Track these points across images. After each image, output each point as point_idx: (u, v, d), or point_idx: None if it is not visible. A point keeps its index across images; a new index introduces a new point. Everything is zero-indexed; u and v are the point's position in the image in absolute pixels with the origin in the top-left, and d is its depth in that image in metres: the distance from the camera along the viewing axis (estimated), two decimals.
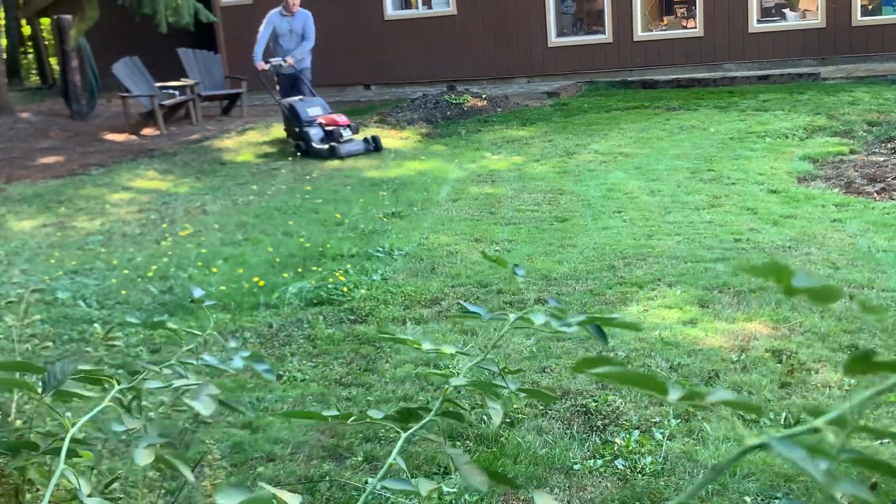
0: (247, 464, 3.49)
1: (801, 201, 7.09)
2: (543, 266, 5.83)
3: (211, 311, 5.50)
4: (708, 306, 4.85)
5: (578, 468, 3.30)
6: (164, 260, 6.69)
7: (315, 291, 5.62)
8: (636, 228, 6.63)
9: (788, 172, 8.15)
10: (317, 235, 7.08)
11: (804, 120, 10.31)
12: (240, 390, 4.24)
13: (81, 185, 9.98)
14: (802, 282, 0.71)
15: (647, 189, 7.92)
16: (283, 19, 11.73)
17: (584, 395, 3.87)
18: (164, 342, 4.99)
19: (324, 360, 4.60)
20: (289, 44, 11.70)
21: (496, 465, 3.32)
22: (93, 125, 14.17)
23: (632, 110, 12.21)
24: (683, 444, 3.38)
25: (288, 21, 11.71)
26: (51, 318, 5.43)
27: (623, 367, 0.80)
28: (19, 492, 1.50)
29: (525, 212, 7.46)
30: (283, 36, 11.78)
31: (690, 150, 9.39)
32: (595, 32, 15.49)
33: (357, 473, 3.37)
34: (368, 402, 4.01)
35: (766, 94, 12.22)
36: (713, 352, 4.25)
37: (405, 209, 7.83)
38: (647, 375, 0.78)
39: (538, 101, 13.68)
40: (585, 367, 0.80)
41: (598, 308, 4.97)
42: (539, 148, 10.33)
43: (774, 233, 6.24)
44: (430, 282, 5.70)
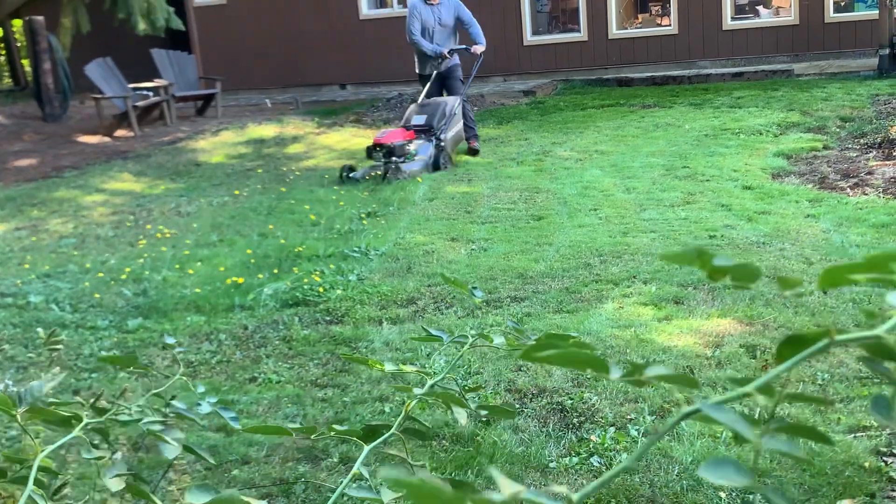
0: (221, 467, 3.47)
1: (775, 197, 7.13)
2: (520, 264, 5.83)
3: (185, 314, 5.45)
4: (683, 303, 4.87)
5: (554, 466, 3.30)
6: (139, 262, 6.64)
7: (291, 292, 5.59)
8: (612, 226, 6.64)
9: (762, 169, 8.20)
10: (293, 236, 7.05)
11: (778, 116, 10.38)
12: (214, 392, 4.21)
13: (55, 187, 9.89)
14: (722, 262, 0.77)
15: (622, 186, 7.94)
16: (428, 8, 9.89)
17: (560, 392, 3.87)
18: (138, 346, 4.95)
19: (299, 361, 4.57)
20: (441, 38, 9.97)
21: (472, 464, 3.32)
22: (66, 127, 14.05)
23: (607, 108, 12.25)
24: (659, 441, 3.38)
25: (434, 11, 9.89)
26: (23, 322, 5.38)
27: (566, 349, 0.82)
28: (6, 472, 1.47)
29: (501, 210, 7.46)
30: (436, 29, 10.02)
31: (665, 148, 9.43)
32: (570, 31, 15.53)
33: (332, 475, 3.35)
34: (344, 403, 3.99)
35: (740, 91, 12.29)
36: (688, 348, 4.26)
37: (381, 209, 7.81)
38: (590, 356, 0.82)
39: (514, 99, 13.69)
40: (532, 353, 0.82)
41: (574, 306, 4.98)
42: (515, 146, 10.34)
43: (749, 229, 6.27)
44: (407, 281, 5.69)
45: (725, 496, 2.99)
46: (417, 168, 9.00)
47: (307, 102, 14.93)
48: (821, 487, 3.01)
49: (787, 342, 0.74)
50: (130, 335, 5.12)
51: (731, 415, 0.71)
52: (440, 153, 9.29)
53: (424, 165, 9.11)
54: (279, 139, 11.90)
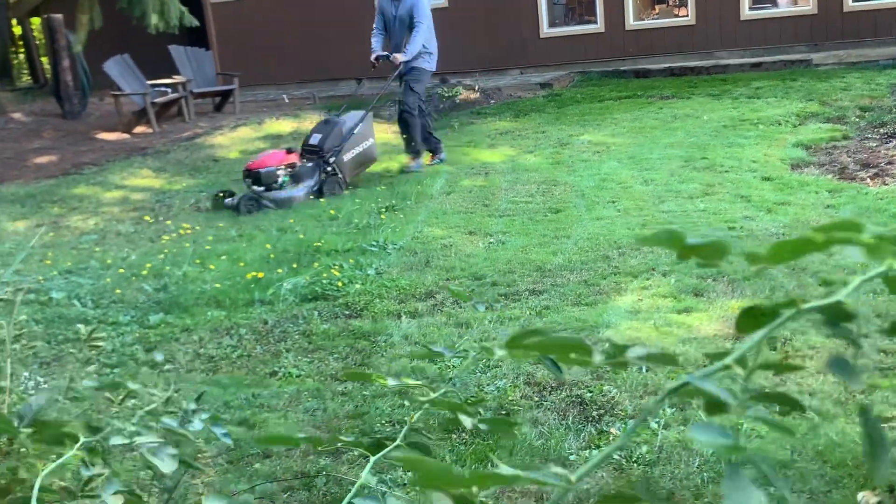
0: (243, 460, 3.49)
1: (795, 188, 7.09)
2: (538, 257, 5.83)
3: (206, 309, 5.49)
4: (702, 294, 4.86)
5: (574, 459, 3.30)
6: (159, 258, 6.68)
7: (310, 287, 5.62)
8: (630, 218, 6.63)
9: (782, 159, 8.16)
10: (311, 231, 7.08)
11: (797, 106, 10.31)
12: (235, 386, 4.24)
13: (75, 184, 9.96)
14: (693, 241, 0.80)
15: (640, 178, 7.92)
16: (389, 2, 9.31)
17: (580, 385, 3.87)
18: (160, 340, 4.99)
19: (319, 355, 4.60)
20: (396, 36, 9.35)
21: (491, 457, 3.32)
22: (85, 124, 14.13)
23: (625, 100, 12.21)
24: (678, 433, 3.38)
25: (393, 5, 9.25)
26: (45, 319, 5.43)
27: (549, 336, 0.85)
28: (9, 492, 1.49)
29: (519, 203, 7.46)
30: (391, 23, 9.37)
31: (684, 139, 9.39)
32: (587, 22, 15.47)
33: (353, 468, 3.37)
34: (364, 396, 4.01)
35: (758, 82, 12.21)
36: (708, 339, 4.25)
37: (399, 203, 7.82)
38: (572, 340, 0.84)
39: (531, 92, 13.66)
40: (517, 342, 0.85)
41: (592, 298, 4.98)
42: (532, 139, 10.33)
43: (768, 220, 6.24)
44: (425, 275, 5.70)
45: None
46: (296, 195, 8.22)
47: (324, 97, 14.95)
48: (842, 479, 3.01)
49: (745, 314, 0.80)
50: (152, 330, 5.15)
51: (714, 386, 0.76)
52: (327, 178, 8.48)
53: (307, 192, 8.32)
54: (296, 134, 11.93)
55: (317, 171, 8.46)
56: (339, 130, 8.64)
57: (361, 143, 8.86)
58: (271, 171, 8.24)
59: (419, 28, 8.96)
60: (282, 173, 8.34)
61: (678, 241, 0.80)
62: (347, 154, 8.66)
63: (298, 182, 8.38)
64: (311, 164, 8.50)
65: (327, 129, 8.70)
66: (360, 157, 8.89)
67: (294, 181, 8.39)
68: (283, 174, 8.35)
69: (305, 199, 8.25)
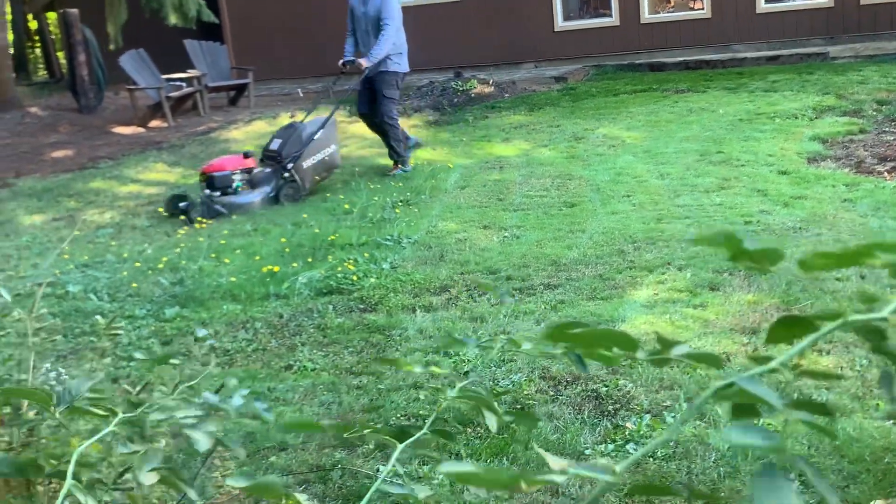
0: (259, 453, 3.51)
1: (812, 182, 7.05)
2: (553, 252, 5.82)
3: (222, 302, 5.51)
4: (719, 289, 4.84)
5: (590, 453, 3.30)
6: (175, 251, 6.71)
7: (325, 281, 5.63)
8: (645, 212, 6.61)
9: (798, 153, 8.11)
10: (326, 225, 7.09)
11: (813, 100, 10.25)
12: (250, 380, 4.26)
13: (90, 178, 10.01)
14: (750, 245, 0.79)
15: (656, 172, 7.89)
16: (359, 1, 8.82)
17: (595, 379, 3.86)
18: (175, 334, 5.01)
19: (334, 349, 4.60)
20: (365, 36, 8.82)
21: (507, 451, 3.33)
22: (101, 118, 14.19)
23: (640, 93, 12.16)
24: (695, 428, 3.37)
25: (362, 4, 8.76)
26: (62, 312, 5.46)
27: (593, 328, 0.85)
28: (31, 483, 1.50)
29: (533, 197, 7.44)
30: (359, 23, 8.86)
31: (699, 133, 9.35)
32: (602, 15, 15.41)
33: (368, 461, 3.37)
34: (379, 390, 4.02)
35: (774, 75, 12.14)
36: (724, 334, 4.24)
37: (413, 197, 7.82)
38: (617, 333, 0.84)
39: (545, 85, 13.63)
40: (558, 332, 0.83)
41: (608, 293, 4.97)
42: (547, 133, 10.30)
43: (785, 214, 6.21)
44: (440, 269, 5.70)
45: None
46: (251, 201, 7.99)
47: (339, 91, 14.95)
48: (859, 474, 2.99)
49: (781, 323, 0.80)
50: (168, 324, 5.18)
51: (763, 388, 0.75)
52: (284, 185, 8.20)
53: (263, 199, 8.07)
54: None
55: (274, 178, 8.21)
56: (300, 136, 8.35)
57: (323, 149, 8.55)
58: (226, 176, 8.02)
59: (387, 29, 8.52)
60: (237, 178, 8.09)
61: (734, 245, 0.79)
62: (307, 161, 8.36)
63: (254, 187, 8.15)
64: (269, 169, 8.25)
65: (288, 135, 8.43)
66: (322, 165, 8.58)
67: (250, 186, 8.15)
68: (239, 179, 8.10)
69: (261, 206, 7.97)
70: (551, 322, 4.46)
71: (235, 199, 7.99)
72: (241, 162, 8.24)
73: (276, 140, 8.47)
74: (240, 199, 7.99)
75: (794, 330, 0.78)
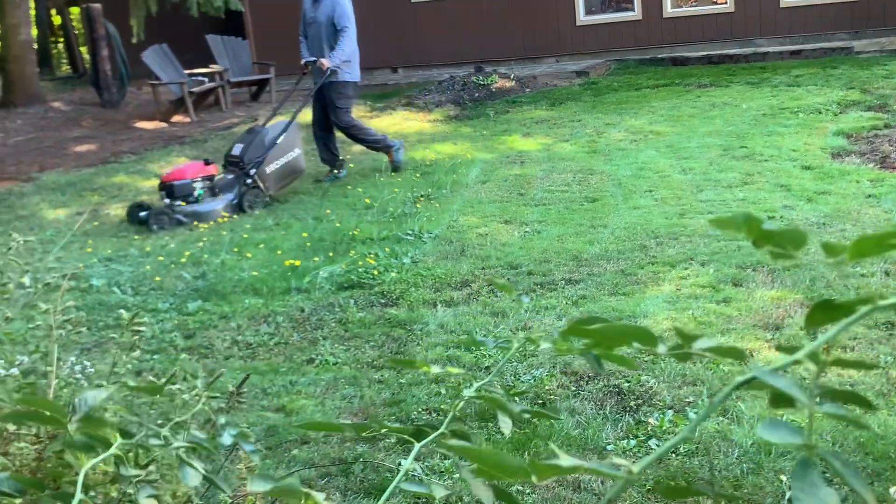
0: (281, 446, 3.52)
1: (836, 177, 6.99)
2: (574, 247, 5.80)
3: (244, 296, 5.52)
4: (742, 285, 4.81)
5: (612, 449, 3.29)
6: (198, 246, 6.74)
7: (346, 275, 5.64)
8: (668, 207, 6.58)
9: (822, 148, 8.04)
10: (347, 219, 7.10)
11: (837, 94, 10.16)
12: (273, 373, 4.28)
13: (113, 172, 10.07)
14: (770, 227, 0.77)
15: (678, 167, 7.85)
16: (311, 5, 8.73)
17: (617, 375, 3.85)
18: (198, 328, 5.03)
19: (356, 343, 4.62)
20: (316, 40, 8.65)
21: (529, 445, 3.32)
22: (123, 113, 14.28)
23: (662, 88, 12.10)
24: (718, 424, 3.36)
25: (314, 6, 8.66)
26: (86, 305, 5.50)
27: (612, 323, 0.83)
28: (57, 476, 1.51)
29: (555, 192, 7.43)
30: (310, 27, 8.73)
31: (722, 128, 9.29)
32: (624, 10, 15.33)
33: (390, 455, 3.38)
34: (400, 384, 4.02)
35: (798, 69, 12.05)
36: (747, 330, 4.21)
37: (434, 192, 7.82)
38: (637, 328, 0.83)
39: (567, 80, 13.59)
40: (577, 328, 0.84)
41: (629, 288, 4.95)
42: (568, 128, 10.27)
43: (808, 209, 6.17)
44: (460, 264, 5.70)
45: (786, 479, 2.96)
46: (214, 208, 7.70)
47: (359, 86, 14.97)
48: (884, 471, 2.97)
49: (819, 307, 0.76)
50: (190, 317, 5.20)
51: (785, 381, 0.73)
52: (247, 192, 7.92)
53: (226, 206, 7.79)
54: None
55: (237, 184, 7.93)
56: (262, 141, 8.08)
57: (286, 153, 8.31)
58: (186, 184, 7.76)
59: (346, 33, 8.38)
60: (198, 186, 7.82)
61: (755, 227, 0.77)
62: (270, 166, 8.11)
63: (216, 195, 7.89)
64: (231, 176, 8.00)
65: (249, 139, 8.15)
66: (285, 170, 8.35)
67: (211, 194, 7.89)
68: (200, 187, 7.83)
69: (224, 214, 7.71)
70: (571, 318, 4.45)
71: (197, 207, 7.70)
72: (202, 169, 7.97)
73: (238, 145, 8.19)
74: (201, 208, 7.69)
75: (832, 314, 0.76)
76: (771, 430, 0.72)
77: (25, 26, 15.14)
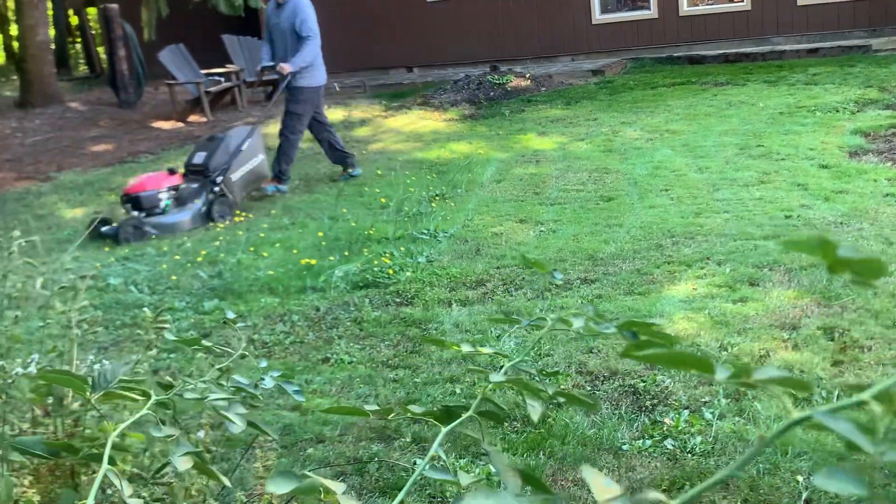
0: (297, 445, 3.53)
1: (853, 176, 6.95)
2: (589, 246, 5.79)
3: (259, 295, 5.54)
4: (758, 284, 4.79)
5: (627, 448, 3.28)
6: (214, 245, 6.77)
7: (361, 274, 5.65)
8: (684, 206, 6.55)
9: (839, 147, 8.00)
10: (362, 219, 7.11)
11: (855, 93, 10.10)
12: (289, 371, 4.28)
13: (131, 172, 10.11)
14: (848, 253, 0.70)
15: (694, 166, 7.82)
16: (273, 5, 8.54)
17: (633, 375, 3.84)
18: (214, 326, 5.05)
19: (371, 342, 4.62)
20: (279, 46, 8.49)
21: (544, 445, 3.32)
22: (140, 113, 14.35)
23: (678, 86, 12.06)
24: (734, 424, 3.34)
25: (277, 11, 8.45)
26: (103, 304, 5.53)
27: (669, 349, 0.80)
28: (74, 473, 1.53)
29: (570, 191, 7.41)
30: (274, 32, 8.53)
31: (739, 126, 9.25)
32: (640, 8, 15.29)
33: (405, 454, 3.38)
34: (415, 383, 4.02)
35: (815, 68, 11.98)
36: (764, 330, 4.19)
37: (449, 191, 7.82)
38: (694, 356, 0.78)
39: (582, 79, 13.56)
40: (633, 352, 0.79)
41: (645, 287, 4.93)
42: (584, 127, 10.25)
43: (826, 209, 6.13)
44: (475, 263, 5.70)
45: (802, 480, 2.94)
46: (181, 220, 7.49)
47: (374, 86, 14.99)
48: None
49: None
50: (207, 316, 5.23)
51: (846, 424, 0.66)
52: (215, 201, 7.74)
53: (194, 216, 7.58)
54: (347, 123, 11.99)
55: (203, 193, 7.74)
56: (226, 148, 7.93)
57: (251, 160, 8.17)
58: (152, 195, 7.52)
59: (309, 42, 8.23)
60: (164, 196, 7.59)
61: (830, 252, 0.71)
62: (236, 173, 7.96)
63: (183, 205, 7.66)
64: (196, 185, 7.78)
65: (213, 147, 7.96)
66: (250, 176, 8.21)
67: (178, 204, 7.66)
68: (166, 197, 7.61)
69: (193, 225, 7.53)
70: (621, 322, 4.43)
71: (165, 219, 7.49)
72: (167, 179, 7.75)
73: (200, 153, 8.00)
74: (169, 220, 7.50)
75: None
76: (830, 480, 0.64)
77: (43, 27, 15.23)
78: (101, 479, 1.18)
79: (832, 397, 3.48)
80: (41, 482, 1.55)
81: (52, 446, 1.39)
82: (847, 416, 0.67)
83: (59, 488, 1.52)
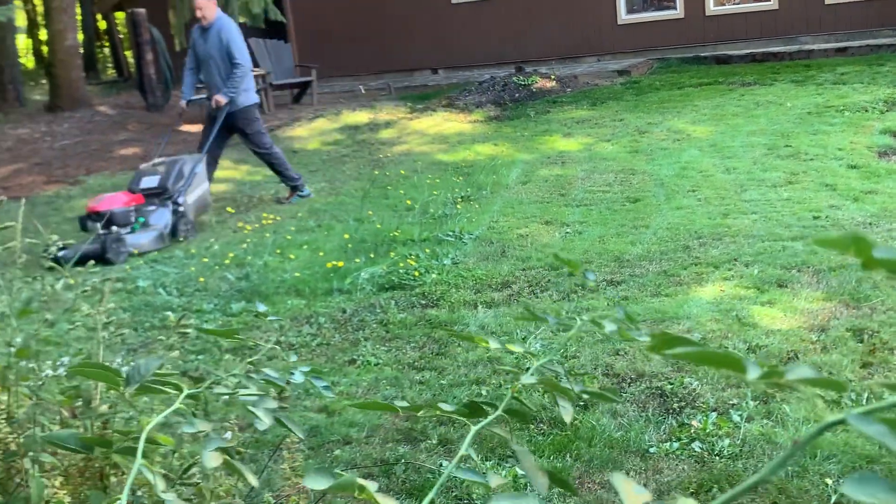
0: (324, 447, 3.54)
1: (882, 176, 6.88)
2: (616, 248, 5.77)
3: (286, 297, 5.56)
4: (786, 286, 4.75)
5: (654, 451, 3.26)
6: (241, 247, 6.81)
7: (387, 276, 5.66)
8: (711, 207, 6.51)
9: (868, 147, 7.92)
10: (388, 221, 7.13)
11: (884, 92, 9.99)
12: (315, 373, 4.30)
13: None
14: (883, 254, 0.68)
15: (722, 167, 7.77)
16: (198, 30, 8.32)
17: (660, 377, 3.82)
18: (242, 328, 5.08)
19: (397, 344, 4.63)
20: (209, 74, 8.32)
21: (570, 448, 3.31)
22: (168, 116, 14.45)
23: (705, 87, 11.99)
24: (762, 427, 3.32)
25: (202, 36, 8.26)
26: (132, 307, 5.58)
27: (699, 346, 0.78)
28: (104, 475, 1.54)
29: (596, 193, 7.39)
30: (204, 63, 8.31)
31: (766, 126, 9.18)
32: (666, 8, 15.23)
33: (432, 456, 3.38)
34: (441, 385, 4.03)
35: (844, 67, 11.87)
36: (792, 332, 4.16)
37: (475, 193, 7.82)
38: (725, 354, 0.76)
39: (608, 79, 13.52)
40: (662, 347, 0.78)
41: (672, 289, 4.91)
42: (610, 127, 10.22)
43: (855, 209, 6.07)
44: (501, 265, 5.69)
45: (832, 483, 2.92)
46: (149, 239, 7.25)
47: (399, 88, 15.02)
48: None
49: None
50: (234, 318, 5.26)
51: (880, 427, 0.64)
52: (179, 220, 7.59)
53: (159, 236, 7.35)
54: (372, 125, 12.02)
55: (167, 212, 7.55)
56: (181, 169, 7.81)
57: (201, 184, 8.07)
58: (126, 212, 7.30)
59: (239, 69, 8.06)
60: (133, 215, 7.40)
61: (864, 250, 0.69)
62: (191, 196, 7.84)
63: (147, 226, 7.45)
64: (154, 206, 7.59)
65: (167, 169, 7.83)
66: (202, 200, 8.08)
67: (146, 223, 7.47)
68: (136, 215, 7.44)
69: (162, 244, 7.30)
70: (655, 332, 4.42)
71: (139, 237, 7.23)
72: (133, 197, 7.57)
73: (151, 177, 7.82)
74: (142, 238, 7.23)
75: None
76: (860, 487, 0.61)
77: (71, 31, 15.39)
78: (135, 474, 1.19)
79: (861, 399, 3.45)
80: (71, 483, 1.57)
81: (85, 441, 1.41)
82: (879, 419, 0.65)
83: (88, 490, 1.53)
